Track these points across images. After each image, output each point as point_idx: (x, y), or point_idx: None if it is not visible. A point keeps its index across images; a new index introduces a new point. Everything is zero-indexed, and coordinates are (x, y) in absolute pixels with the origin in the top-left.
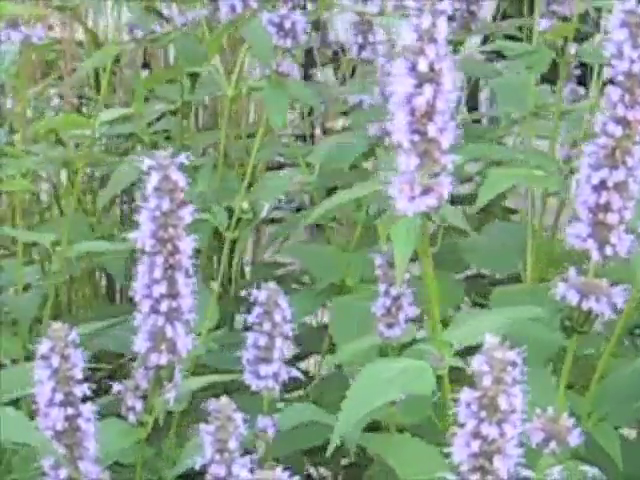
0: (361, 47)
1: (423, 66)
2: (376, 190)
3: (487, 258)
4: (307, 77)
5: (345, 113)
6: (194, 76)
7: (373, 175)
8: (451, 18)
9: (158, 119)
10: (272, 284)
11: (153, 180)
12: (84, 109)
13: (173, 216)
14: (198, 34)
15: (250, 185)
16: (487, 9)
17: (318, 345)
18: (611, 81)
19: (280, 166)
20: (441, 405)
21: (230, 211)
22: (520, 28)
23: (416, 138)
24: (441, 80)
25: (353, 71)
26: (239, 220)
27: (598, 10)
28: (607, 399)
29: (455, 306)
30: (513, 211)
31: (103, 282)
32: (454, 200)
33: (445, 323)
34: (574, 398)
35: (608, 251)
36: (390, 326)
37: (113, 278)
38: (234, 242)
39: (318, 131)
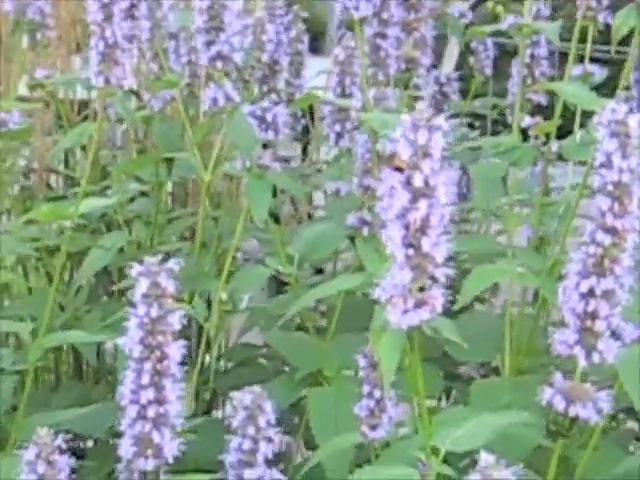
0: (339, 135)
1: (418, 181)
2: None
3: (465, 348)
4: None
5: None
6: (170, 160)
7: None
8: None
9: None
10: (256, 387)
11: (142, 286)
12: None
13: (162, 322)
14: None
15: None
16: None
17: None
18: (599, 189)
19: None
20: None
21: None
22: (494, 106)
23: (410, 252)
24: (436, 195)
25: None
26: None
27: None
28: None
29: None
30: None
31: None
32: None
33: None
34: None
35: (595, 358)
36: (374, 428)
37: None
38: None
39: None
